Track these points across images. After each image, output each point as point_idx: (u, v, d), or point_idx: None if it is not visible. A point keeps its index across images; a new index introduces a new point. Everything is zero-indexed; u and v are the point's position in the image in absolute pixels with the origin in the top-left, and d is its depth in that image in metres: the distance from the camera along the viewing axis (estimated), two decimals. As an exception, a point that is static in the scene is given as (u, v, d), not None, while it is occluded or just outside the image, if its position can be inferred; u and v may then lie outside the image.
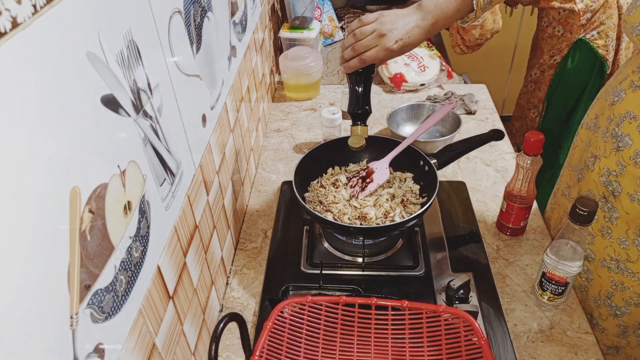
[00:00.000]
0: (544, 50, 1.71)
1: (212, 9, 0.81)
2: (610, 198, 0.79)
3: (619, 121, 0.76)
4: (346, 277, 0.91)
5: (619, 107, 0.77)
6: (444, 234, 0.98)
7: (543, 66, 1.74)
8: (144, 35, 0.54)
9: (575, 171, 0.90)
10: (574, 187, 0.90)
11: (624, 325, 0.85)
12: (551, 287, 0.80)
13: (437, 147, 1.07)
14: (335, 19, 1.75)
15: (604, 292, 0.85)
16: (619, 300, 0.83)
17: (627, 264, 0.80)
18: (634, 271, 0.79)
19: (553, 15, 1.63)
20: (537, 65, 1.76)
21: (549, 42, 1.68)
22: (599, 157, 0.81)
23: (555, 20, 1.63)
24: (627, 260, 0.80)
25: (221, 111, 0.87)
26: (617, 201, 0.78)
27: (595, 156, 0.82)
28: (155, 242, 0.57)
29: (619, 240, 0.80)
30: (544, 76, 1.75)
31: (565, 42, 1.64)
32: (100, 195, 0.44)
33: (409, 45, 0.82)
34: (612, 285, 0.83)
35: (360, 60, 0.83)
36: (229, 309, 0.87)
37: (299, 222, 1.01)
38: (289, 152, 1.25)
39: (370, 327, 0.73)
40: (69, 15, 0.39)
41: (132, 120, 0.51)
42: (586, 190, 0.85)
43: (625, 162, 0.75)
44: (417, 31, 0.81)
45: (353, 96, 0.89)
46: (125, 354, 0.50)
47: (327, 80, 1.55)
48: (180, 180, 0.65)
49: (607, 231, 0.81)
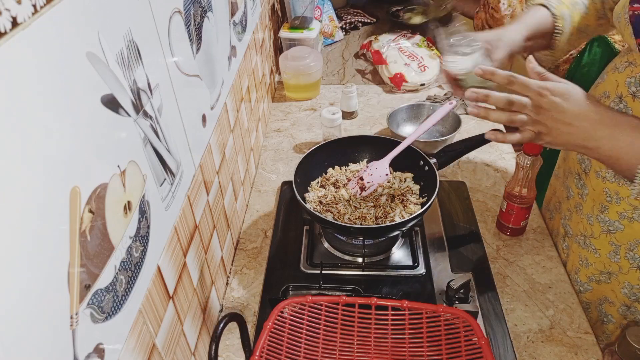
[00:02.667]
0: None
1: (212, 9, 0.81)
2: (583, 175, 0.83)
3: None
4: (346, 277, 0.91)
5: (599, 88, 0.80)
6: (444, 234, 0.98)
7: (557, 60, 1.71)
8: (144, 35, 0.54)
9: (564, 151, 0.94)
10: (561, 167, 0.94)
11: (587, 301, 0.87)
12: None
13: (437, 147, 1.08)
14: (335, 19, 1.75)
15: (573, 268, 0.89)
16: (583, 277, 0.86)
17: (591, 240, 0.83)
18: (596, 247, 0.82)
19: None
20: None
21: None
22: None
23: None
24: (591, 236, 0.83)
25: (221, 111, 0.87)
26: (587, 178, 0.81)
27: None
28: (155, 242, 0.57)
29: (587, 216, 0.83)
30: (558, 71, 1.72)
31: None
32: (100, 195, 0.44)
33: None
34: (579, 261, 0.86)
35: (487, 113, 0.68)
36: (229, 309, 0.87)
37: (299, 222, 1.01)
38: (289, 152, 1.25)
39: (370, 327, 0.72)
40: (69, 15, 0.39)
41: (132, 120, 0.51)
42: (567, 169, 0.89)
43: None
44: (566, 142, 0.66)
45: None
46: (125, 354, 0.50)
47: (327, 80, 1.55)
48: (180, 180, 0.65)
49: (579, 207, 0.85)
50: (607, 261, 0.81)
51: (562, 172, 0.93)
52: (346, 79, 1.56)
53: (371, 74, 1.57)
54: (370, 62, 1.60)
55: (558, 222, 0.94)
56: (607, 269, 0.82)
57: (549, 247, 0.95)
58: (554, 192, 0.98)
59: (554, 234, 0.97)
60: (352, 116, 1.35)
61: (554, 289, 0.88)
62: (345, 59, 1.67)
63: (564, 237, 0.91)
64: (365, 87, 1.50)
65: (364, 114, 1.38)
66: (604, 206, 0.79)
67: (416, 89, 1.45)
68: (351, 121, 1.35)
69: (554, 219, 0.97)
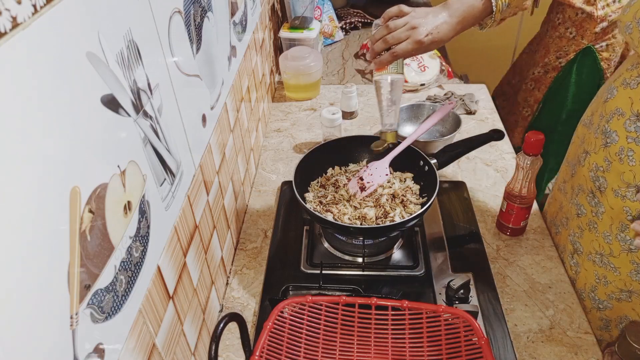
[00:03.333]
0: (550, 50, 1.68)
1: (212, 9, 0.81)
2: (597, 193, 0.81)
3: (608, 118, 0.78)
4: (346, 277, 0.91)
5: (610, 104, 0.78)
6: (444, 234, 0.98)
7: (547, 66, 1.71)
8: (144, 35, 0.54)
9: (570, 166, 0.92)
10: (568, 182, 0.92)
11: (606, 319, 0.86)
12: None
13: (437, 147, 1.07)
14: (335, 19, 1.75)
15: (588, 286, 0.87)
16: (602, 294, 0.84)
17: (610, 258, 0.81)
18: (616, 266, 0.81)
19: (570, 14, 1.59)
20: (541, 64, 1.73)
21: (557, 43, 1.65)
22: (590, 153, 0.82)
23: (569, 20, 1.59)
24: (610, 254, 0.81)
25: (221, 111, 0.87)
26: (602, 196, 0.80)
27: (586, 152, 0.84)
28: (155, 242, 0.57)
29: (604, 234, 0.81)
30: (546, 77, 1.73)
31: (574, 46, 1.61)
32: (100, 195, 0.44)
33: (438, 42, 0.83)
34: (596, 279, 0.85)
35: (392, 54, 0.83)
36: (229, 309, 0.87)
37: (299, 222, 1.01)
38: (289, 152, 1.25)
39: (370, 327, 0.72)
40: (69, 15, 0.39)
41: (132, 120, 0.51)
42: (577, 185, 0.87)
43: (612, 157, 0.77)
44: (445, 27, 0.82)
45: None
46: (125, 354, 0.50)
47: (327, 80, 1.55)
48: (180, 180, 0.65)
49: (594, 225, 0.83)
50: (628, 280, 0.79)
51: (570, 188, 0.91)
52: (346, 79, 1.56)
53: (371, 74, 1.57)
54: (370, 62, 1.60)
55: (565, 238, 0.93)
56: (629, 288, 0.80)
57: (549, 247, 0.95)
58: (560, 208, 0.96)
59: (561, 249, 0.95)
60: (352, 116, 1.35)
61: (554, 289, 0.88)
62: (345, 59, 1.67)
63: (572, 254, 0.90)
64: (365, 87, 1.50)
65: (364, 114, 1.38)
66: (624, 225, 0.77)
67: (416, 89, 1.45)
68: (351, 121, 1.35)
69: (561, 234, 0.95)
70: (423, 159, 0.96)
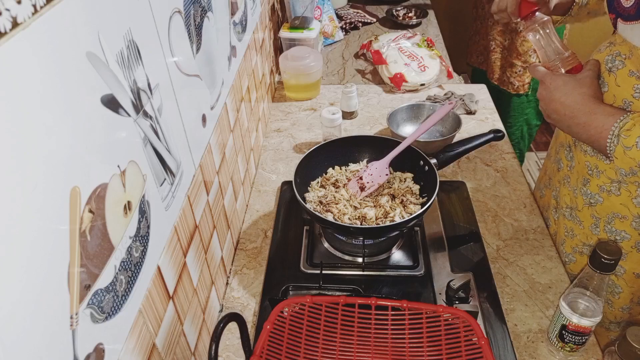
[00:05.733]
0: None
1: (212, 9, 0.81)
2: (573, 147, 0.85)
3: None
4: (346, 277, 0.91)
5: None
6: (444, 234, 0.98)
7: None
8: (144, 35, 0.54)
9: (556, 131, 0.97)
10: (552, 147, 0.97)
11: (571, 273, 0.89)
12: (575, 339, 0.74)
13: (437, 147, 1.07)
14: (335, 19, 1.75)
15: (560, 239, 0.91)
16: (568, 248, 0.89)
17: (576, 212, 0.85)
18: (580, 219, 0.84)
19: None
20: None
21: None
22: None
23: None
24: (576, 208, 0.85)
25: (221, 111, 0.87)
26: (575, 150, 0.84)
27: None
28: (155, 242, 0.57)
29: (573, 188, 0.85)
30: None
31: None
32: (100, 195, 0.44)
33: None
34: (565, 232, 0.89)
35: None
36: (229, 309, 0.87)
37: (299, 222, 1.01)
38: (289, 152, 1.25)
39: (370, 327, 0.72)
40: (69, 15, 0.39)
41: (132, 120, 0.51)
42: (559, 143, 0.92)
43: None
44: None
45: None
46: (125, 354, 0.50)
47: (327, 80, 1.55)
48: (180, 180, 0.65)
49: (567, 180, 0.87)
50: (589, 233, 0.83)
51: (554, 150, 0.96)
52: (346, 79, 1.56)
53: (371, 74, 1.57)
54: (370, 62, 1.60)
55: (549, 197, 0.97)
56: (589, 242, 0.84)
57: (549, 247, 0.95)
58: (545, 171, 1.02)
59: (545, 208, 0.99)
60: (352, 116, 1.35)
61: (554, 289, 0.88)
62: (345, 59, 1.67)
63: (555, 209, 0.94)
64: (365, 87, 1.50)
65: (364, 114, 1.38)
66: (586, 179, 0.81)
67: (416, 89, 1.45)
68: (351, 121, 1.35)
69: (545, 196, 1.00)
70: (423, 159, 0.96)
